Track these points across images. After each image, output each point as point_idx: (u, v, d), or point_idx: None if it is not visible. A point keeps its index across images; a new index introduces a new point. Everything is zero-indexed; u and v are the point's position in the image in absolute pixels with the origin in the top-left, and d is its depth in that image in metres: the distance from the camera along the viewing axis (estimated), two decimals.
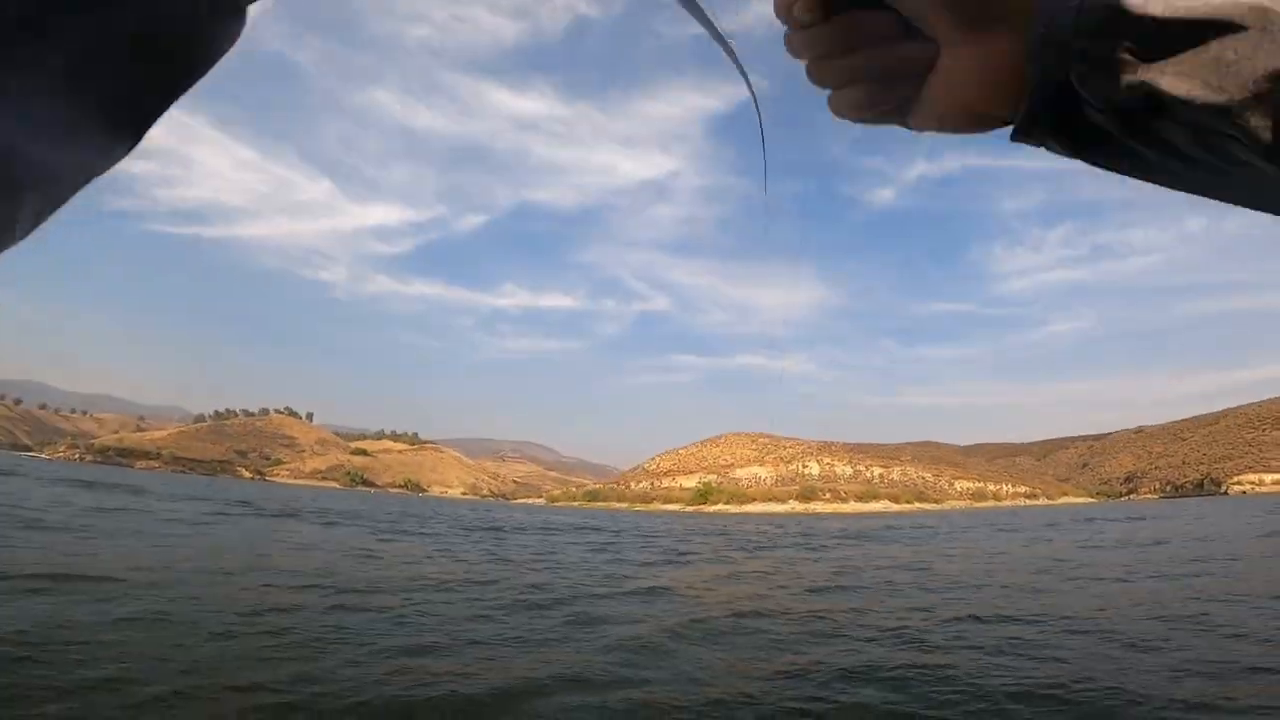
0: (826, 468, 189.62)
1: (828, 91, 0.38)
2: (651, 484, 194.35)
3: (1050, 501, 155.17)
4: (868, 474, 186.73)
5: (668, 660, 4.41)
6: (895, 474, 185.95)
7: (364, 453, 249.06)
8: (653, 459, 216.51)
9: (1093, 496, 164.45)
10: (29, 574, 5.84)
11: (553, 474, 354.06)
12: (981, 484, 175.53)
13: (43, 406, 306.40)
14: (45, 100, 0.20)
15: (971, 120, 0.36)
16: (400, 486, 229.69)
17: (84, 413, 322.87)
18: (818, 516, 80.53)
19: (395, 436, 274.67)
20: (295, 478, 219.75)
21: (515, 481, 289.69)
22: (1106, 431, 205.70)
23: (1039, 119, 0.33)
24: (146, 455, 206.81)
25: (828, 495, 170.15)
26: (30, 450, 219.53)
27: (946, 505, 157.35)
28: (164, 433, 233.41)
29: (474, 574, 8.48)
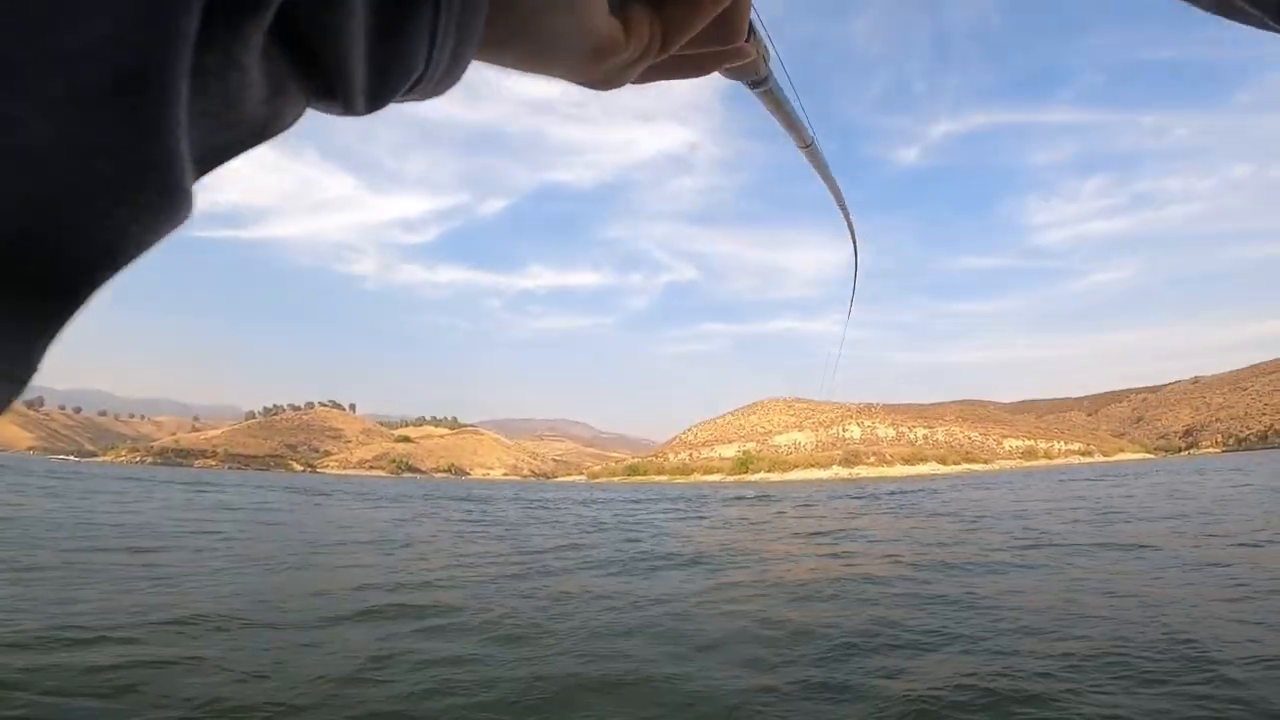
0: (868, 430, 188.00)
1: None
2: (690, 455, 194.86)
3: (1106, 458, 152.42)
4: (911, 435, 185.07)
5: None
6: (940, 434, 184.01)
7: (407, 439, 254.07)
8: (690, 429, 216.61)
9: (1150, 452, 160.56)
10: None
11: (591, 450, 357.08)
12: (1031, 441, 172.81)
13: (102, 413, 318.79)
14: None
15: None
16: (444, 471, 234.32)
17: (143, 416, 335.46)
18: (863, 482, 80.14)
19: (436, 422, 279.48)
20: (344, 468, 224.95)
21: (555, 460, 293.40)
22: (1161, 383, 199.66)
23: None
24: (203, 454, 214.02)
25: (872, 459, 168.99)
26: (94, 455, 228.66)
27: (996, 465, 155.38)
28: (218, 431, 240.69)
29: None
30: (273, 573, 7.83)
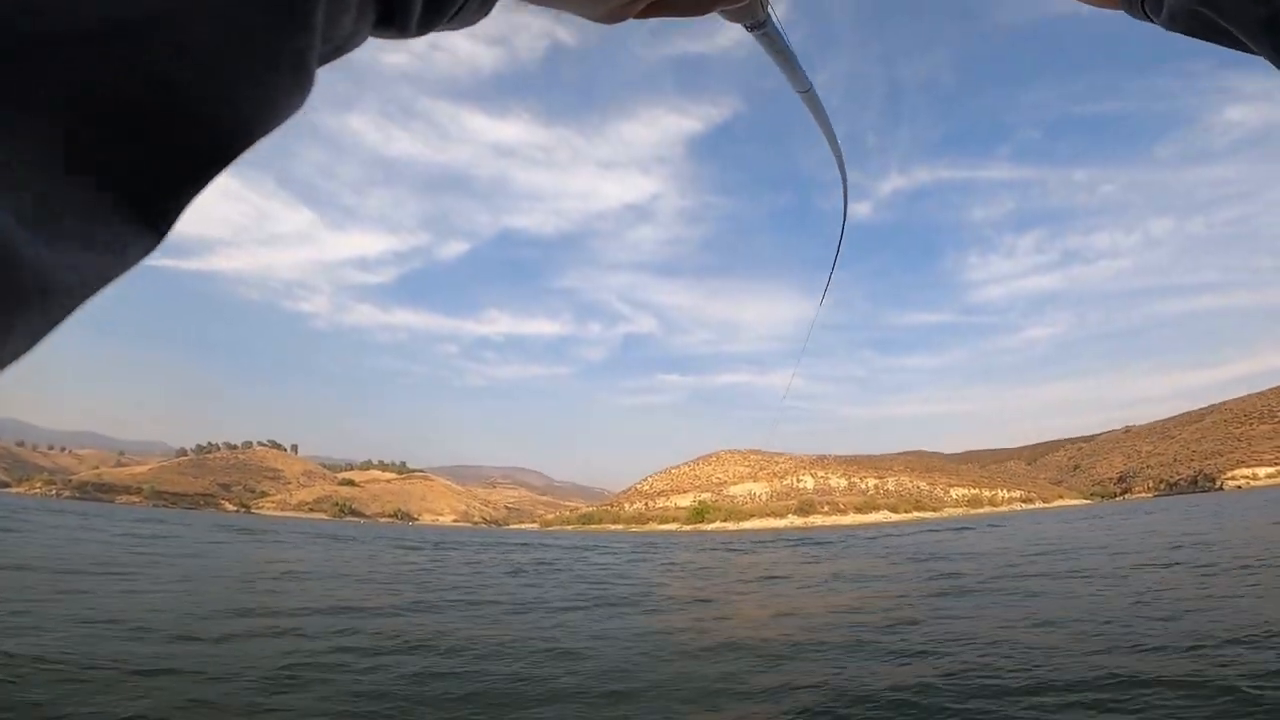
0: (821, 481, 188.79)
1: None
2: (646, 504, 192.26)
3: (1046, 505, 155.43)
4: (862, 485, 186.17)
5: None
6: (890, 484, 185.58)
7: (351, 483, 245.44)
8: (645, 479, 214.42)
9: (1087, 498, 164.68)
10: None
11: (544, 499, 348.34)
12: (977, 490, 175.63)
13: (20, 443, 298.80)
14: (37, 181, 0.14)
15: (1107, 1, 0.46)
16: (390, 516, 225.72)
17: (64, 449, 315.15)
18: (819, 530, 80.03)
19: (383, 466, 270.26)
20: (282, 510, 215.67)
21: (507, 507, 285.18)
22: (1095, 433, 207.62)
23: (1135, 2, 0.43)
24: (127, 490, 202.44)
25: (825, 508, 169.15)
26: (5, 486, 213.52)
27: (944, 513, 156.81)
28: (144, 468, 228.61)
29: None
30: None
